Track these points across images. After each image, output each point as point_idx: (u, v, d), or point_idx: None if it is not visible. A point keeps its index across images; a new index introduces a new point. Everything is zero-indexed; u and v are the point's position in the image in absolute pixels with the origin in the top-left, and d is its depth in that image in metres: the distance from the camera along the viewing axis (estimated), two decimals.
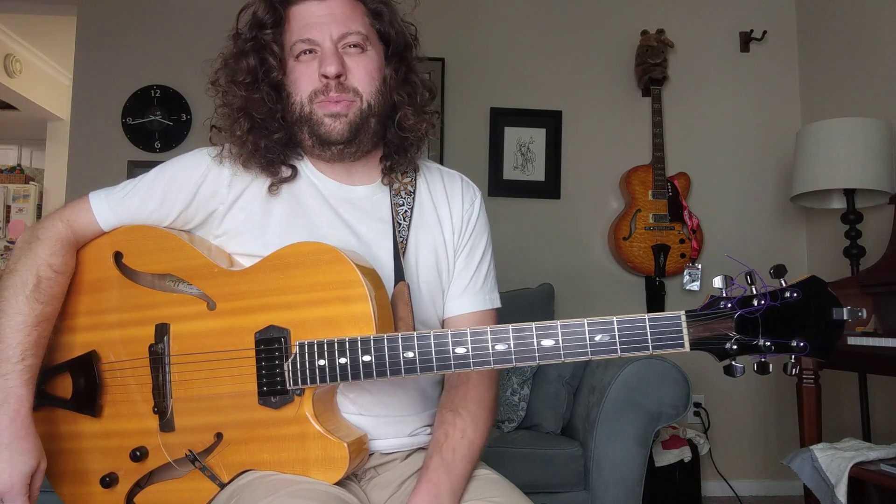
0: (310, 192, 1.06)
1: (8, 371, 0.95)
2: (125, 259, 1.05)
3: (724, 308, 0.79)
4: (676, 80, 3.22)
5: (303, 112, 1.02)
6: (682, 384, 2.01)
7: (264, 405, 0.93)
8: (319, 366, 0.89)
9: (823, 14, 3.11)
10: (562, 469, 2.02)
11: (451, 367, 0.85)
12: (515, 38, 3.24)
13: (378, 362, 0.87)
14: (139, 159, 3.06)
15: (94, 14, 3.15)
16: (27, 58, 5.15)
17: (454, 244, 1.11)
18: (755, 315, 0.78)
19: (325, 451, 0.91)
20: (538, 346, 0.83)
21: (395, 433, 1.04)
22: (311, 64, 1.01)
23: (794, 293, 0.78)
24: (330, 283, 0.91)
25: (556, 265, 3.10)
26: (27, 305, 0.98)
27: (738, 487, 3.00)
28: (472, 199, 1.16)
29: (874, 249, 2.46)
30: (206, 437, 0.96)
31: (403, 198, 1.08)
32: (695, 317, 0.80)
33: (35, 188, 5.53)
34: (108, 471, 1.02)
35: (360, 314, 0.89)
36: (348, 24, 1.01)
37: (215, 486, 0.95)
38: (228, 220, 1.04)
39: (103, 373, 1.03)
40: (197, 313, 0.98)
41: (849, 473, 1.71)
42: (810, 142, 2.49)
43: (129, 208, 1.06)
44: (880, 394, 2.58)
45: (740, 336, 0.79)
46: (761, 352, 0.79)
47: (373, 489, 1.02)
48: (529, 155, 3.18)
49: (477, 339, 0.85)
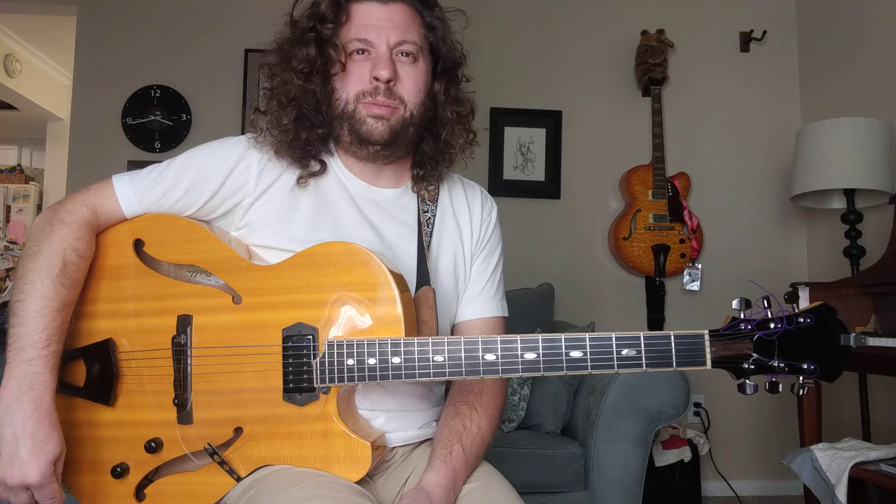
0: (337, 189, 1.07)
1: (33, 356, 0.93)
2: (146, 247, 1.04)
3: (744, 330, 0.85)
4: (676, 80, 3.22)
5: (346, 109, 1.04)
6: (682, 384, 2.01)
7: (289, 401, 0.94)
8: (348, 365, 0.90)
9: (823, 14, 3.11)
10: (562, 469, 2.02)
11: (480, 374, 0.88)
12: (515, 37, 3.24)
13: (407, 364, 0.89)
14: (139, 159, 3.06)
15: (94, 14, 3.15)
16: (27, 58, 5.15)
17: (471, 251, 1.15)
18: (772, 338, 0.84)
19: (349, 450, 0.92)
20: (567, 357, 0.86)
21: (403, 427, 1.05)
22: (364, 64, 1.03)
23: (807, 318, 0.84)
24: (360, 283, 0.92)
25: (556, 265, 3.10)
26: (52, 289, 0.96)
27: (738, 487, 3.00)
28: (490, 210, 1.19)
29: (874, 249, 2.46)
30: (226, 431, 0.96)
31: (428, 204, 1.11)
32: (717, 336, 0.85)
33: (35, 188, 5.53)
34: (119, 461, 1.00)
35: (389, 316, 0.91)
36: (406, 32, 1.03)
37: (231, 479, 0.95)
38: (253, 212, 1.04)
39: (120, 361, 1.02)
40: (222, 306, 0.98)
41: (849, 473, 1.71)
42: (810, 142, 2.49)
43: (154, 196, 1.05)
44: (880, 394, 2.58)
45: (758, 356, 0.85)
46: (775, 372, 0.85)
47: (382, 487, 1.03)
48: (529, 155, 3.18)
49: (507, 347, 0.87)
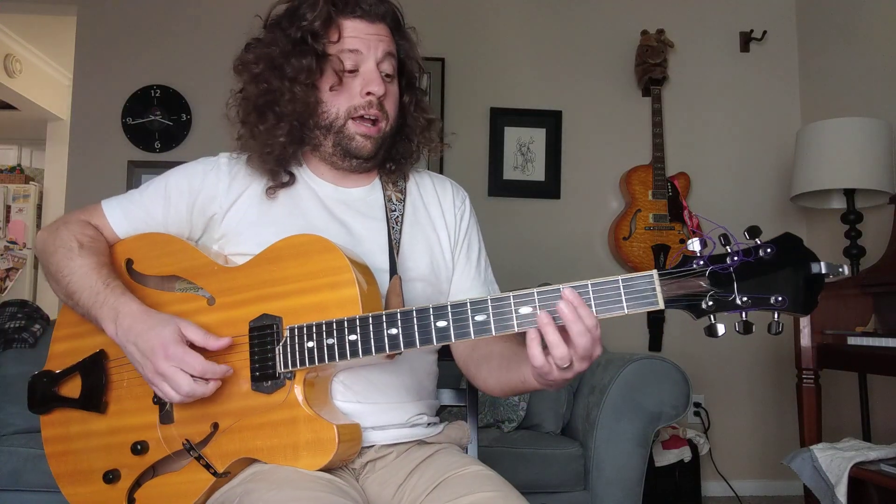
0: (307, 195, 1.12)
1: (104, 298, 0.99)
2: (135, 265, 1.09)
3: (696, 266, 0.79)
4: (676, 80, 3.22)
5: (335, 123, 1.08)
6: (682, 384, 2.01)
7: (257, 391, 0.95)
8: (308, 347, 0.92)
9: (823, 14, 3.11)
10: (562, 469, 2.02)
11: (432, 341, 0.87)
12: (515, 37, 3.24)
13: (363, 339, 0.89)
14: (139, 159, 3.06)
15: (94, 14, 3.15)
16: (27, 58, 5.15)
17: (451, 244, 1.18)
18: (728, 270, 0.78)
19: (315, 433, 0.92)
20: (517, 314, 0.84)
21: (391, 420, 1.05)
22: (353, 80, 1.07)
23: (768, 248, 0.78)
24: (320, 270, 0.95)
25: (556, 265, 3.10)
26: (82, 259, 1.03)
27: (738, 487, 3.00)
28: (463, 199, 1.23)
29: (874, 249, 2.46)
30: (203, 428, 0.98)
31: (396, 201, 1.15)
32: (667, 274, 0.80)
33: (35, 188, 5.53)
34: (111, 467, 1.03)
35: (348, 297, 0.92)
36: (389, 45, 1.09)
37: (210, 475, 0.96)
38: (226, 222, 1.08)
39: (110, 370, 1.06)
40: (197, 309, 1.02)
41: (849, 473, 1.71)
42: (810, 142, 2.49)
43: (138, 215, 1.12)
44: (880, 394, 2.58)
45: (716, 291, 0.78)
46: (739, 308, 0.78)
47: (370, 485, 1.02)
48: (529, 155, 3.18)
49: (457, 312, 0.86)
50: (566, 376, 0.85)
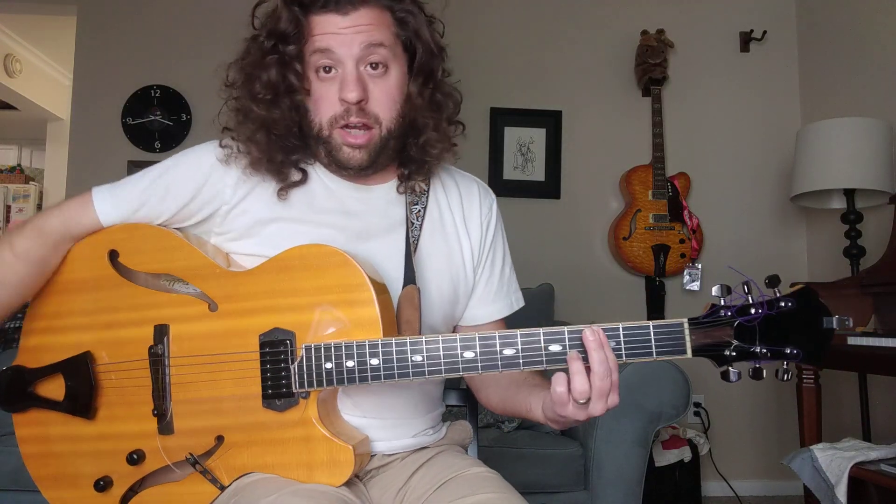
0: (323, 193, 1.04)
1: None
2: (121, 258, 1.02)
3: (724, 316, 0.84)
4: (676, 80, 3.22)
5: (321, 133, 0.99)
6: (682, 384, 2.00)
7: (268, 408, 0.92)
8: (326, 369, 0.88)
9: (823, 14, 3.11)
10: (562, 469, 2.02)
11: (459, 371, 0.86)
12: (515, 37, 3.24)
13: (386, 365, 0.87)
14: (139, 159, 3.06)
15: (94, 14, 3.15)
16: (27, 58, 5.16)
17: (473, 257, 1.10)
18: (753, 323, 0.83)
19: (331, 454, 0.90)
20: (546, 350, 0.85)
21: (397, 436, 1.04)
22: (332, 85, 0.96)
23: (788, 302, 0.82)
24: (336, 286, 0.90)
25: (556, 265, 3.10)
26: None
27: (738, 487, 3.00)
28: (490, 205, 1.15)
29: (874, 249, 2.46)
30: (207, 440, 0.95)
31: (416, 204, 1.06)
32: (697, 324, 0.84)
33: (35, 188, 5.54)
34: (102, 474, 0.99)
35: (367, 318, 0.89)
36: (372, 36, 0.95)
37: (215, 489, 0.94)
38: (231, 220, 1.02)
39: (98, 374, 1.00)
40: (198, 314, 0.96)
41: (849, 473, 1.71)
42: (810, 142, 2.49)
43: (130, 204, 1.02)
44: (880, 394, 2.58)
45: (739, 343, 0.83)
46: (758, 358, 0.83)
47: (372, 488, 1.02)
48: (529, 155, 3.18)
49: (485, 344, 0.86)
50: (578, 416, 0.88)
